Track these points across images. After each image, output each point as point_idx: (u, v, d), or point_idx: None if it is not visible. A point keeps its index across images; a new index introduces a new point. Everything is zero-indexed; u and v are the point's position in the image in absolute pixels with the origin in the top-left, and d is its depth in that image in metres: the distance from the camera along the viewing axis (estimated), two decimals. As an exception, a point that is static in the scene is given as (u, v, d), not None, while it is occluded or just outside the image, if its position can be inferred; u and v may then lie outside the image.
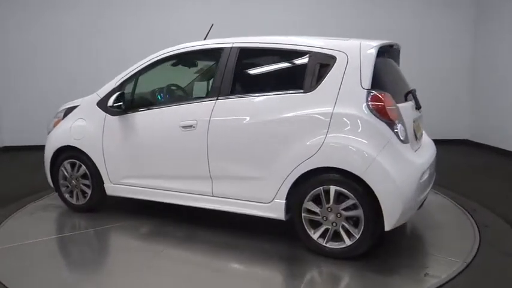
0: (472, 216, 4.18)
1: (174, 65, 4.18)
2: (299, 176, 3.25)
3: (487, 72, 7.73)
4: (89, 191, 4.30)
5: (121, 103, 3.89)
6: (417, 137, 3.55)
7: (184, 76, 4.44)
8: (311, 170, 3.20)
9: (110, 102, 3.87)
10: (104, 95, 4.10)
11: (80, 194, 4.36)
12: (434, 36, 7.97)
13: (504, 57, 7.28)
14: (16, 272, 3.16)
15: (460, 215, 4.29)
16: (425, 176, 3.26)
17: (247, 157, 3.48)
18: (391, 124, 3.10)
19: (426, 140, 4.05)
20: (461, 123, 8.17)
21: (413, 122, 3.54)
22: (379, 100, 3.08)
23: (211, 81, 3.75)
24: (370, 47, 3.21)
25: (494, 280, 3.01)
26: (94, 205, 4.38)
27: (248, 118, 3.44)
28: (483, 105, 7.86)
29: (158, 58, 3.94)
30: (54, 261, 3.40)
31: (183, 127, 3.67)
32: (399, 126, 3.14)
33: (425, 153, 3.58)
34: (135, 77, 4.02)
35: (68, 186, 4.41)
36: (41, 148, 7.03)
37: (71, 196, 4.42)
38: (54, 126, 4.50)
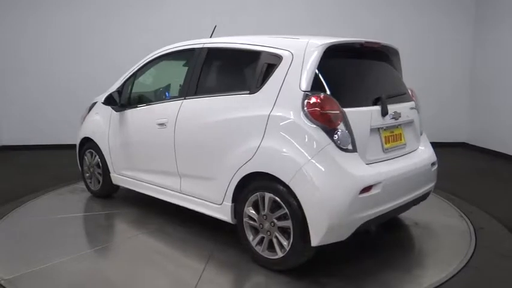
0: (468, 218, 4.19)
1: (184, 65, 4.39)
2: (240, 180, 3.17)
3: (485, 76, 7.69)
4: (101, 179, 4.77)
5: (114, 101, 4.24)
6: (385, 148, 3.13)
7: (173, 76, 4.60)
8: (250, 174, 3.09)
9: (102, 98, 4.24)
10: (112, 92, 4.50)
11: (96, 181, 4.86)
12: (432, 37, 7.93)
13: (502, 61, 7.23)
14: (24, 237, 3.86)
15: (457, 217, 4.29)
16: (377, 191, 2.86)
17: (202, 157, 3.50)
18: (329, 130, 2.82)
19: (420, 150, 3.56)
20: (458, 126, 8.21)
21: (383, 129, 3.14)
22: (315, 103, 2.82)
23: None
24: (315, 46, 2.95)
25: (489, 282, 3.00)
26: (107, 192, 4.83)
27: (203, 118, 3.47)
28: (481, 109, 7.86)
29: (148, 60, 4.18)
30: (55, 234, 3.90)
31: (158, 124, 3.84)
32: (341, 132, 2.83)
33: (396, 164, 3.14)
34: (132, 77, 4.32)
35: (88, 173, 4.95)
36: (39, 148, 7.90)
37: (90, 182, 4.95)
38: (83, 119, 5.07)
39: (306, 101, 2.85)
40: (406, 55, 6.04)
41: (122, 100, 4.32)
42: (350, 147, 2.87)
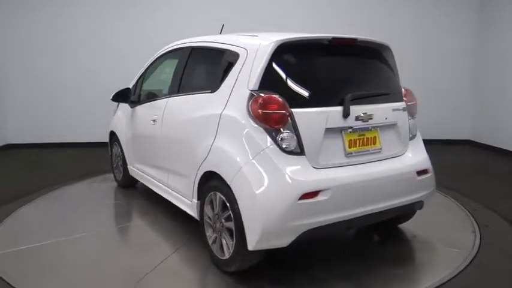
0: (472, 216, 4.17)
1: None
2: (201, 178, 3.18)
3: (490, 73, 7.67)
4: (122, 170, 5.12)
5: (121, 97, 4.52)
6: (347, 152, 2.89)
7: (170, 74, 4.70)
8: (208, 173, 3.09)
9: (111, 95, 4.53)
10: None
11: (119, 172, 5.23)
12: (437, 35, 7.86)
13: (507, 58, 7.21)
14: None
15: (461, 214, 4.28)
16: (324, 197, 2.67)
17: (179, 154, 3.59)
18: (272, 131, 2.70)
19: (406, 156, 3.22)
20: (463, 123, 8.15)
21: (348, 132, 2.91)
22: (258, 104, 2.72)
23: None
24: (267, 44, 2.83)
25: (494, 280, 2.99)
26: (128, 182, 5.15)
27: (179, 116, 3.57)
28: (485, 106, 7.84)
29: (154, 58, 4.39)
30: (61, 218, 4.34)
31: (152, 121, 4.02)
32: (285, 134, 2.69)
33: (360, 171, 2.88)
34: (142, 75, 4.57)
35: (115, 164, 5.34)
36: (44, 146, 7.90)
37: (117, 173, 5.34)
38: (114, 114, 5.47)
39: (251, 100, 2.76)
40: (411, 53, 6.54)
41: (133, 97, 4.59)
42: (296, 149, 2.72)
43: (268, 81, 2.80)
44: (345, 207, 2.79)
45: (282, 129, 2.70)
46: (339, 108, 2.87)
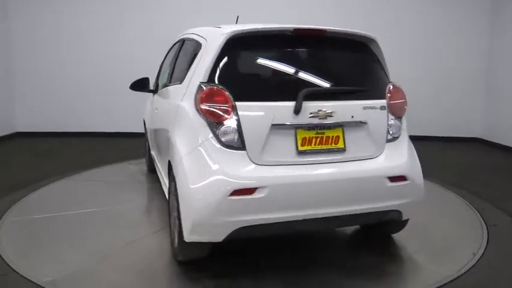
0: (481, 215, 4.14)
1: None
2: (168, 166, 3.26)
3: (502, 71, 7.70)
4: (148, 155, 5.44)
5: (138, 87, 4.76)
6: (299, 150, 2.72)
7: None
8: (169, 161, 3.17)
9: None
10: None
11: (147, 157, 5.56)
12: (448, 33, 7.92)
13: None
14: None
15: (469, 213, 4.25)
16: (260, 195, 2.55)
17: (160, 142, 3.72)
18: (212, 124, 2.67)
19: (379, 158, 2.92)
20: (473, 121, 8.17)
21: (303, 129, 2.74)
22: (200, 96, 2.70)
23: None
24: (220, 35, 2.78)
25: (501, 279, 2.98)
26: (152, 167, 5.43)
27: (162, 106, 3.72)
28: (495, 104, 7.86)
29: (168, 50, 4.56)
30: (83, 194, 4.80)
31: (155, 109, 4.21)
32: (225, 128, 2.64)
33: (310, 170, 2.71)
34: (160, 66, 4.79)
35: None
36: (52, 135, 7.81)
37: (146, 158, 5.69)
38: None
39: (197, 93, 2.75)
40: (422, 50, 6.46)
41: (152, 87, 4.83)
42: (237, 144, 2.65)
43: (218, 73, 2.76)
44: (286, 207, 2.65)
45: (223, 123, 2.65)
46: (291, 104, 2.72)
